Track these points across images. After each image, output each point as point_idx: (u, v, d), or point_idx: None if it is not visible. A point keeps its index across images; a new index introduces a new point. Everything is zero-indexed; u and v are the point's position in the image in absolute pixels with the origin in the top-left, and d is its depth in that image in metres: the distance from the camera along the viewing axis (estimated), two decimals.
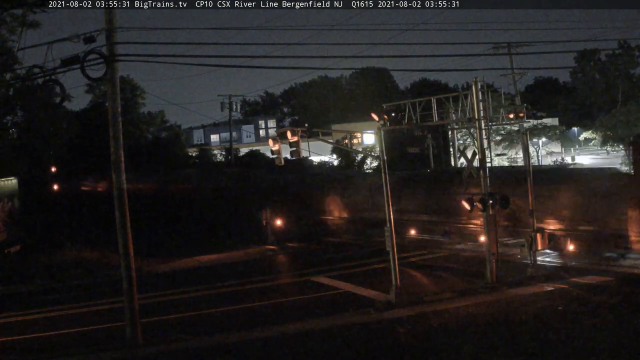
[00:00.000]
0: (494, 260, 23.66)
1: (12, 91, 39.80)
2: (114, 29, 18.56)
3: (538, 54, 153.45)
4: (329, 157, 59.38)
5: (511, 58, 55.33)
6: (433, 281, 25.74)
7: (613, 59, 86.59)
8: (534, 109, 59.56)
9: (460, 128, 40.20)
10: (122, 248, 19.33)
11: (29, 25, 36.17)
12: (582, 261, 26.46)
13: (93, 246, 35.88)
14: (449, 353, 16.64)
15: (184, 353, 18.35)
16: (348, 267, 29.83)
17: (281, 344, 18.51)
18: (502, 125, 38.30)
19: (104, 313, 23.91)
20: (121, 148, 19.34)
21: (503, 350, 16.31)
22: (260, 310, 22.91)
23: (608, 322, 18.07)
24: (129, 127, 49.95)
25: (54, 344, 20.05)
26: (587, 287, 22.37)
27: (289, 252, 36.74)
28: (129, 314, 19.27)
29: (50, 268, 33.14)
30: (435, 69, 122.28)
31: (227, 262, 34.58)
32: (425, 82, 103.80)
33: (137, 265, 20.21)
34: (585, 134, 77.02)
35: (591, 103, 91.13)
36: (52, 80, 19.00)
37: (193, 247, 37.72)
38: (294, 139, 23.37)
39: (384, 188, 22.49)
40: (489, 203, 23.65)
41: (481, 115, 24.22)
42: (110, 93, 19.43)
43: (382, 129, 23.72)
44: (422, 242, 34.55)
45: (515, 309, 20.30)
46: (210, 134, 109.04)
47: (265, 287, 27.30)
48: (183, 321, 22.16)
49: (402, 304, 21.48)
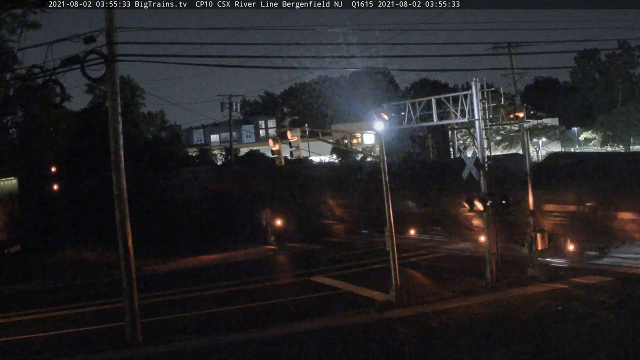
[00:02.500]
0: (494, 260, 23.67)
1: (12, 91, 39.78)
2: (114, 29, 18.58)
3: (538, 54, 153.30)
4: (329, 157, 59.34)
5: (511, 58, 55.27)
6: (433, 281, 25.75)
7: (613, 59, 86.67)
8: (534, 109, 59.46)
9: (460, 128, 40.24)
10: (122, 248, 19.34)
11: (29, 26, 36.13)
12: (582, 261, 26.52)
13: (93, 246, 35.86)
14: (449, 353, 16.65)
15: (184, 353, 18.35)
16: (348, 267, 29.84)
17: (281, 344, 18.52)
18: (502, 125, 38.25)
19: (104, 313, 23.91)
20: (121, 148, 19.36)
21: (503, 350, 16.31)
22: (260, 310, 22.91)
23: (608, 322, 18.09)
24: (129, 127, 49.84)
25: (54, 344, 20.05)
26: (587, 287, 22.39)
27: (289, 252, 36.75)
28: (129, 314, 19.28)
29: (50, 268, 33.15)
30: (435, 69, 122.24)
31: (227, 262, 34.60)
32: (425, 82, 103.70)
33: (137, 265, 20.21)
34: (585, 134, 77.06)
35: (591, 103, 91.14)
36: (52, 80, 18.98)
37: (193, 247, 37.74)
38: (294, 139, 23.42)
39: (384, 188, 22.49)
40: (489, 203, 23.66)
41: (481, 115, 24.23)
42: (110, 93, 19.44)
43: (381, 129, 23.71)
44: (422, 242, 34.59)
45: (515, 309, 20.31)
46: (210, 134, 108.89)
47: (266, 287, 27.30)
48: (183, 321, 22.16)
49: (402, 304, 21.50)
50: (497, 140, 65.04)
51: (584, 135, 77.99)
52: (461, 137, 56.90)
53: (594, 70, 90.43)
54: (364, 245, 35.69)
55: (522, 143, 28.39)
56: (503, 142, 66.33)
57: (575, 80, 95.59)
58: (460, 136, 56.48)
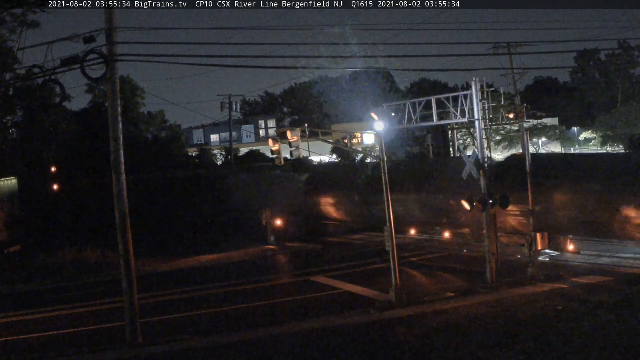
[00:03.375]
0: (494, 260, 23.66)
1: (12, 91, 39.79)
2: (114, 29, 18.57)
3: (538, 54, 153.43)
4: (328, 157, 59.36)
5: (511, 58, 55.37)
6: (433, 281, 25.75)
7: (613, 59, 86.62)
8: (534, 109, 59.50)
9: (460, 128, 40.25)
10: (122, 248, 19.33)
11: (29, 25, 36.19)
12: (582, 261, 26.52)
13: (93, 246, 35.87)
14: (449, 353, 16.64)
15: (184, 353, 18.34)
16: (348, 267, 29.84)
17: (281, 344, 18.51)
18: (502, 125, 38.28)
19: (104, 313, 23.92)
20: (121, 148, 19.35)
21: (503, 350, 16.30)
22: (260, 310, 22.91)
23: (608, 322, 18.08)
24: (129, 127, 49.85)
25: (54, 344, 20.05)
26: (587, 287, 22.39)
27: (289, 252, 36.75)
28: (129, 314, 19.28)
29: (50, 268, 33.14)
30: (435, 69, 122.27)
31: (227, 262, 34.60)
32: (425, 82, 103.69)
33: (137, 265, 20.21)
34: (585, 134, 77.05)
35: (591, 103, 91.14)
36: (52, 80, 18.98)
37: (193, 247, 37.75)
38: (294, 139, 23.43)
39: (384, 188, 22.47)
40: (489, 203, 23.65)
41: (481, 115, 24.22)
42: (110, 93, 19.43)
43: (381, 129, 23.70)
44: (422, 242, 34.58)
45: (515, 309, 20.30)
46: (210, 134, 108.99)
47: (265, 287, 27.30)
48: (183, 321, 22.16)
49: (402, 304, 21.49)
50: (497, 140, 65.00)
51: (584, 135, 77.98)
52: (461, 137, 56.91)
53: (594, 70, 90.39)
54: (364, 246, 35.70)
55: (522, 143, 28.38)
56: (503, 142, 66.30)
57: (575, 80, 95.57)
58: (460, 136, 56.49)
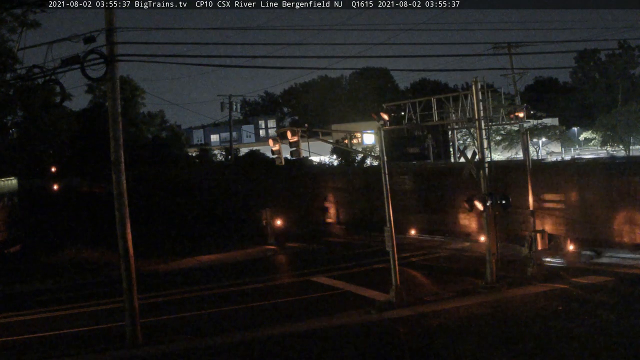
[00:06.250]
0: (494, 260, 23.66)
1: (12, 91, 39.75)
2: (114, 29, 18.56)
3: (538, 54, 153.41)
4: (328, 157, 59.29)
5: (511, 58, 55.20)
6: (433, 281, 25.75)
7: (613, 59, 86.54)
8: (534, 109, 59.46)
9: (460, 128, 40.24)
10: (122, 248, 19.33)
11: (29, 25, 36.13)
12: (582, 260, 26.53)
13: (93, 246, 35.87)
14: (449, 353, 16.63)
15: (184, 353, 18.34)
16: (348, 267, 29.84)
17: (281, 344, 18.50)
18: (502, 125, 38.28)
19: (104, 313, 23.92)
20: (121, 148, 19.35)
21: (503, 350, 16.30)
22: (260, 311, 22.91)
23: (608, 322, 18.08)
24: (129, 127, 49.89)
25: (54, 344, 20.04)
26: (587, 287, 22.39)
27: (289, 252, 36.75)
28: (129, 314, 19.27)
29: (50, 268, 33.13)
30: (435, 69, 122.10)
31: (227, 262, 34.60)
32: (425, 82, 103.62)
33: (137, 265, 20.19)
34: (585, 134, 76.94)
35: (591, 103, 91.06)
36: (52, 80, 18.97)
37: (193, 247, 37.74)
38: (294, 139, 23.37)
39: (383, 188, 22.47)
40: (489, 203, 23.63)
41: (481, 115, 24.22)
42: (110, 93, 19.43)
43: (382, 129, 23.71)
44: (422, 242, 34.58)
45: (515, 309, 20.30)
46: (210, 134, 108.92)
47: (265, 287, 27.30)
48: (183, 321, 22.16)
49: (402, 304, 21.49)
50: (497, 140, 64.94)
51: (584, 135, 77.87)
52: (461, 137, 56.86)
53: (594, 70, 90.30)
54: (364, 245, 35.70)
55: (522, 143, 28.39)
56: (503, 142, 66.23)
57: (575, 80, 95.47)
58: (460, 136, 56.45)
